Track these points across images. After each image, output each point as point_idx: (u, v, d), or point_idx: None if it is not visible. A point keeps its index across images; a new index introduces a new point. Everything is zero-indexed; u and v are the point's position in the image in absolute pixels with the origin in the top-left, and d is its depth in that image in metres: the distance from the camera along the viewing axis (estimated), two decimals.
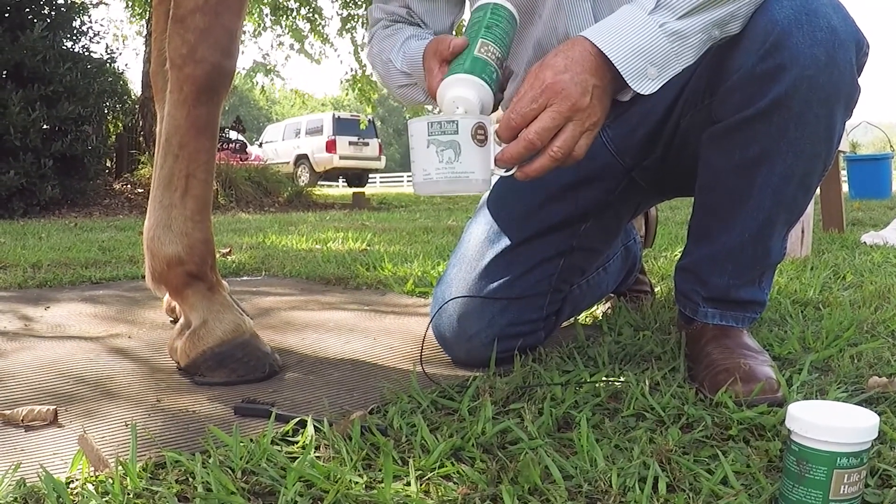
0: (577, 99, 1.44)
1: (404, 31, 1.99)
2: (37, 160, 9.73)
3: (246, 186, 12.72)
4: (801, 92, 1.56)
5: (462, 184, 1.49)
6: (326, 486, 1.20)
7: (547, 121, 1.44)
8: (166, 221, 1.98)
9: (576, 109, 1.44)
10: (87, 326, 2.55)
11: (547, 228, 1.99)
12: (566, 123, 1.46)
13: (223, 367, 1.89)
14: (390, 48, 1.98)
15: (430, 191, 1.52)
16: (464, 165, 1.47)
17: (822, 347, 2.01)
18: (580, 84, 1.45)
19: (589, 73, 1.46)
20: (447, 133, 1.46)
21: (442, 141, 1.46)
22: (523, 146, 1.45)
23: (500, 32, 1.61)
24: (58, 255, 4.54)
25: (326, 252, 4.83)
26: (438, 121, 1.46)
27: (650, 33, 1.47)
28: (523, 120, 1.46)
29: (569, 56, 1.47)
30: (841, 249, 4.23)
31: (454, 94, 1.55)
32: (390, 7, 2.05)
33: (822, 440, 1.07)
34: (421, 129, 1.48)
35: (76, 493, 1.23)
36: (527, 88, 1.47)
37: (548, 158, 1.47)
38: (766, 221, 1.73)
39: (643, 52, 1.46)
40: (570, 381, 1.73)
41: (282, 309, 2.87)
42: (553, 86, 1.44)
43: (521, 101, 1.46)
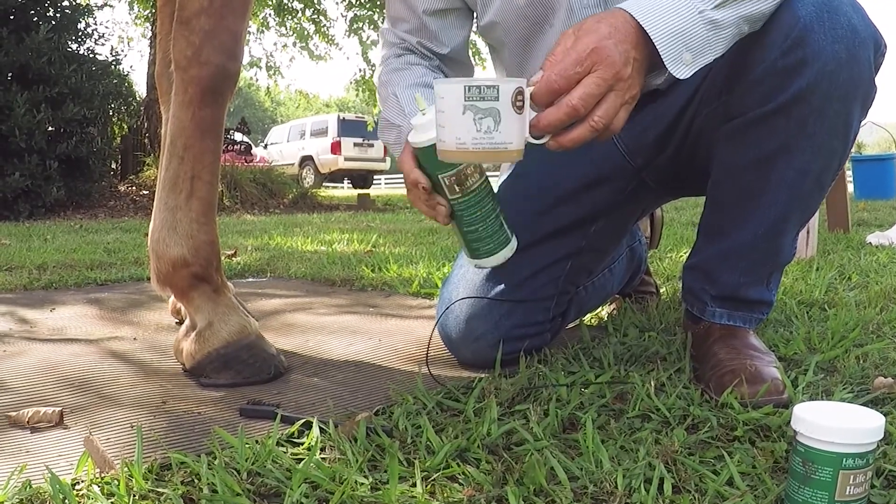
0: (621, 68, 1.36)
1: (415, 71, 1.98)
2: (42, 162, 9.75)
3: (251, 188, 12.72)
4: (821, 87, 1.56)
5: (498, 155, 1.39)
6: (332, 488, 1.20)
7: (591, 86, 1.34)
8: (171, 223, 1.98)
9: (619, 78, 1.36)
10: (92, 328, 2.55)
11: (556, 230, 1.99)
12: (608, 92, 1.36)
13: (228, 369, 1.89)
14: (398, 82, 1.97)
15: (459, 158, 1.46)
16: (503, 135, 1.35)
17: (828, 348, 2.00)
18: (623, 53, 1.37)
19: (630, 44, 1.38)
20: (487, 99, 1.33)
21: (481, 108, 1.33)
22: (565, 112, 1.35)
23: None
24: (63, 257, 4.55)
25: (331, 253, 4.83)
26: (477, 85, 1.33)
27: (690, 18, 1.41)
28: (567, 83, 1.35)
29: (612, 24, 1.39)
30: (846, 250, 4.22)
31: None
32: (401, 31, 2.02)
33: (827, 441, 1.07)
34: (455, 92, 1.34)
35: (82, 494, 1.23)
36: (568, 50, 1.37)
37: (587, 128, 1.37)
38: (780, 217, 1.73)
39: (681, 35, 1.41)
40: (575, 382, 1.73)
41: (286, 310, 2.87)
42: (599, 50, 1.35)
43: (563, 62, 1.36)
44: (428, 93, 1.83)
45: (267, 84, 20.26)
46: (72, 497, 1.18)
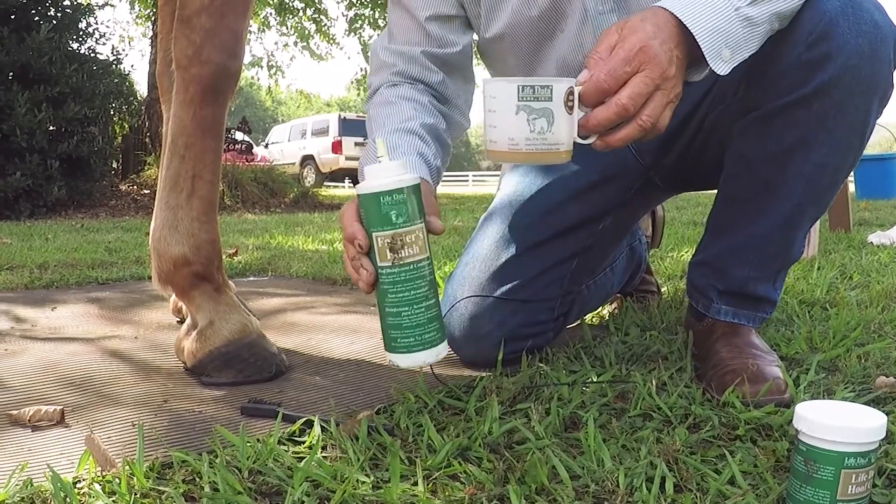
0: (666, 67, 1.36)
1: (403, 110, 1.84)
2: (43, 161, 9.73)
3: (252, 187, 12.71)
4: (844, 81, 1.57)
5: (549, 156, 1.39)
6: (333, 486, 1.19)
7: (640, 86, 1.35)
8: (172, 222, 1.98)
9: (665, 77, 1.37)
10: (93, 327, 2.55)
11: (564, 229, 1.99)
12: (655, 91, 1.37)
13: (230, 368, 1.89)
14: (382, 122, 1.83)
15: (511, 159, 1.44)
16: (555, 136, 1.35)
17: (830, 347, 2.00)
18: (668, 52, 1.37)
19: (674, 43, 1.39)
20: (541, 99, 1.32)
21: (535, 108, 1.32)
22: (615, 112, 1.35)
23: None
24: (64, 256, 4.55)
25: (333, 252, 4.83)
26: (531, 84, 1.32)
27: (727, 15, 1.42)
28: (616, 83, 1.35)
29: (655, 23, 1.39)
30: (848, 249, 4.22)
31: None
32: (400, 45, 1.91)
33: (829, 440, 1.07)
34: (508, 91, 1.33)
35: (83, 492, 1.23)
36: (614, 48, 1.38)
37: (635, 127, 1.38)
38: (795, 211, 1.73)
39: (721, 32, 1.41)
40: (576, 381, 1.73)
41: (288, 310, 2.87)
42: (646, 49, 1.35)
43: (611, 61, 1.36)
44: (402, 139, 1.76)
45: (268, 83, 20.32)
46: (73, 495, 1.18)
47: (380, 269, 1.41)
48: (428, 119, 1.83)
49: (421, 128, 1.79)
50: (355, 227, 1.43)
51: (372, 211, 1.38)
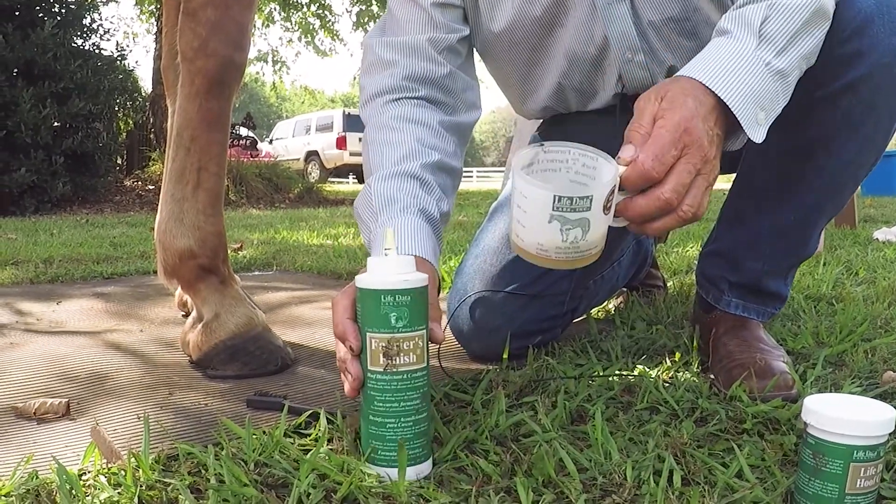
0: (708, 150, 1.28)
1: (405, 135, 1.70)
2: (48, 157, 9.74)
3: (257, 183, 12.71)
4: (874, 79, 1.54)
5: (579, 262, 1.29)
6: (340, 478, 1.19)
7: (683, 175, 1.26)
8: (178, 215, 1.98)
9: (706, 161, 1.28)
10: (98, 321, 2.55)
11: None
12: (696, 177, 1.27)
13: (235, 361, 1.89)
14: (380, 158, 1.69)
15: (537, 262, 1.29)
16: (588, 243, 1.25)
17: (836, 342, 2.00)
18: (708, 132, 1.29)
19: (713, 119, 1.31)
20: (578, 210, 1.19)
21: (570, 219, 1.20)
22: (657, 207, 1.26)
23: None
24: (69, 251, 4.55)
25: (337, 247, 4.83)
26: (570, 196, 1.17)
27: (760, 74, 1.35)
28: (663, 169, 1.25)
29: (696, 98, 1.30)
30: (853, 245, 4.22)
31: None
32: (401, 37, 1.80)
33: (838, 433, 1.06)
34: (542, 199, 1.19)
35: (89, 484, 1.23)
36: (658, 125, 1.28)
37: (675, 219, 1.28)
38: (814, 206, 1.72)
39: (755, 95, 1.34)
40: (583, 374, 1.72)
41: (293, 303, 2.87)
42: (690, 131, 1.26)
43: (656, 143, 1.25)
44: (402, 189, 1.61)
45: (272, 79, 20.30)
46: (79, 487, 1.17)
47: (369, 372, 1.25)
48: (431, 152, 1.70)
49: (422, 169, 1.66)
50: (347, 325, 1.28)
51: (370, 309, 1.23)
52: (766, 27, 1.38)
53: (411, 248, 1.49)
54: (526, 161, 1.30)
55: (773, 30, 1.38)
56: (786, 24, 1.38)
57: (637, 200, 1.27)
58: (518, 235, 1.27)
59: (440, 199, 1.67)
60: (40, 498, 1.17)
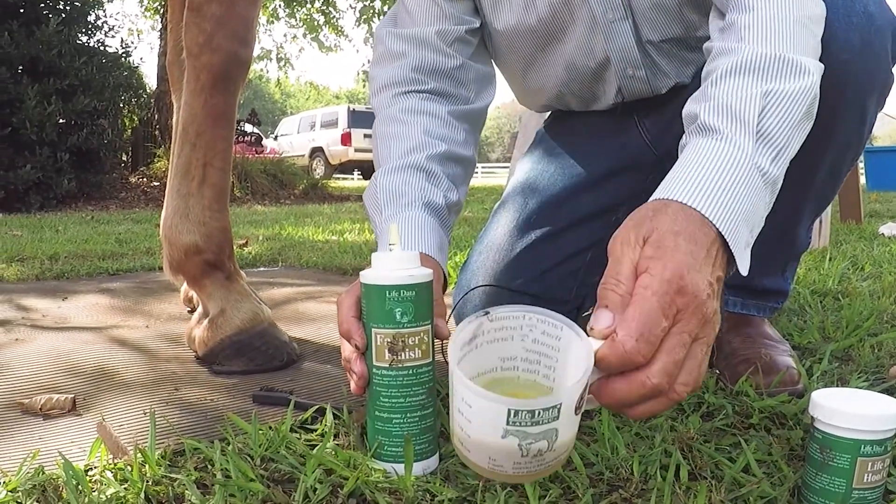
0: (707, 308, 1.00)
1: (413, 127, 1.69)
2: (53, 154, 9.75)
3: (262, 179, 12.72)
4: (832, 79, 1.39)
5: (546, 472, 0.98)
6: (346, 473, 1.19)
7: (676, 350, 0.97)
8: (184, 210, 1.98)
9: (704, 322, 0.99)
10: (103, 317, 2.55)
11: (579, 219, 1.94)
12: (692, 344, 0.99)
13: (241, 356, 1.89)
14: (388, 150, 1.71)
15: (488, 476, 0.99)
16: (556, 451, 0.94)
17: (842, 337, 2.00)
18: (706, 285, 1.01)
19: (712, 260, 1.05)
20: (542, 423, 0.89)
21: (532, 433, 0.90)
22: (642, 394, 0.97)
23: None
24: (75, 248, 4.55)
25: (343, 243, 4.84)
26: (530, 409, 0.88)
27: (755, 188, 1.13)
28: (650, 349, 0.95)
29: (691, 236, 1.04)
30: (859, 240, 4.21)
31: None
32: (411, 28, 1.77)
33: (846, 427, 1.06)
34: (493, 413, 0.90)
35: (95, 480, 1.22)
36: (641, 279, 1.00)
37: (667, 401, 0.99)
38: (793, 209, 1.68)
39: (748, 216, 1.12)
40: None
41: (298, 299, 2.88)
42: (685, 290, 0.98)
43: (642, 316, 0.95)
44: (408, 182, 1.61)
45: (277, 76, 20.31)
46: (85, 483, 1.17)
47: (375, 368, 1.24)
48: (439, 143, 1.68)
49: (428, 160, 1.65)
50: (352, 323, 1.27)
51: (375, 305, 1.22)
52: (765, 122, 1.17)
53: (415, 244, 1.47)
54: (466, 337, 1.05)
55: (771, 125, 1.17)
56: (785, 117, 1.18)
57: (616, 384, 0.98)
58: (463, 444, 0.98)
59: (448, 190, 1.66)
60: (46, 494, 1.17)
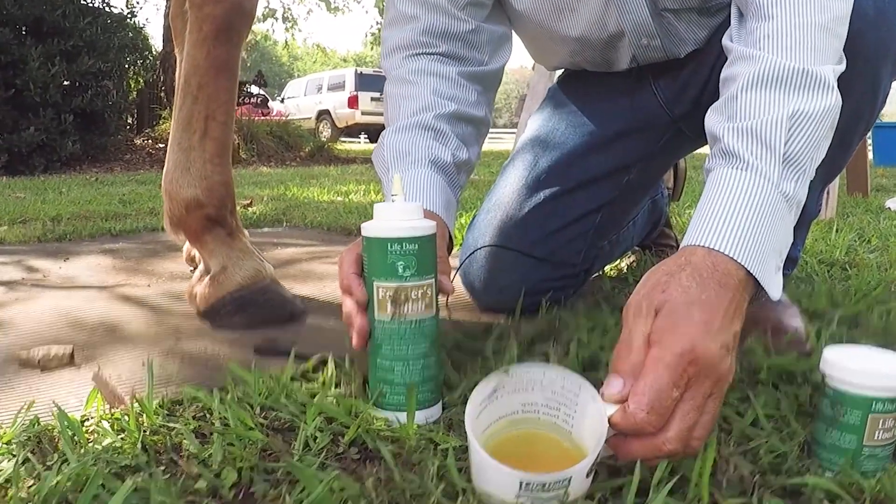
0: (720, 368, 0.99)
1: (421, 87, 1.67)
2: (57, 116, 9.70)
3: (268, 141, 12.69)
4: (845, 47, 1.35)
5: None
6: (347, 422, 1.18)
7: (689, 417, 0.98)
8: (185, 164, 1.95)
9: (717, 381, 1.00)
10: (105, 276, 2.54)
11: (589, 180, 1.92)
12: (707, 401, 1.00)
13: (243, 313, 1.87)
14: (397, 110, 1.69)
15: None
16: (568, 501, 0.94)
17: (851, 304, 1.98)
18: (723, 347, 1.00)
19: (730, 319, 1.03)
20: (553, 490, 0.91)
21: (542, 497, 0.92)
22: (657, 456, 0.99)
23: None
24: (78, 209, 4.53)
25: (348, 203, 4.83)
26: (542, 482, 0.90)
27: (780, 215, 1.13)
28: (661, 420, 0.97)
29: (705, 306, 1.01)
30: (865, 213, 4.19)
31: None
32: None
33: (857, 384, 1.04)
34: (505, 483, 0.92)
35: (91, 430, 1.21)
36: (654, 351, 1.00)
37: (683, 455, 1.00)
38: None
39: (775, 244, 1.12)
40: (595, 326, 1.70)
41: (303, 259, 2.86)
42: (698, 360, 0.97)
43: (653, 389, 0.96)
44: (415, 141, 1.60)
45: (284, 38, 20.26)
46: (81, 433, 1.16)
47: (377, 321, 1.22)
48: (448, 103, 1.66)
49: (436, 119, 1.63)
50: (352, 279, 1.27)
51: (376, 258, 1.20)
52: (791, 147, 1.15)
53: (421, 202, 1.43)
54: (486, 391, 1.05)
55: (797, 150, 1.15)
56: (811, 139, 1.16)
57: (633, 446, 1.00)
58: (481, 485, 0.98)
59: (458, 149, 1.64)
60: (42, 445, 1.16)
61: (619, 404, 0.98)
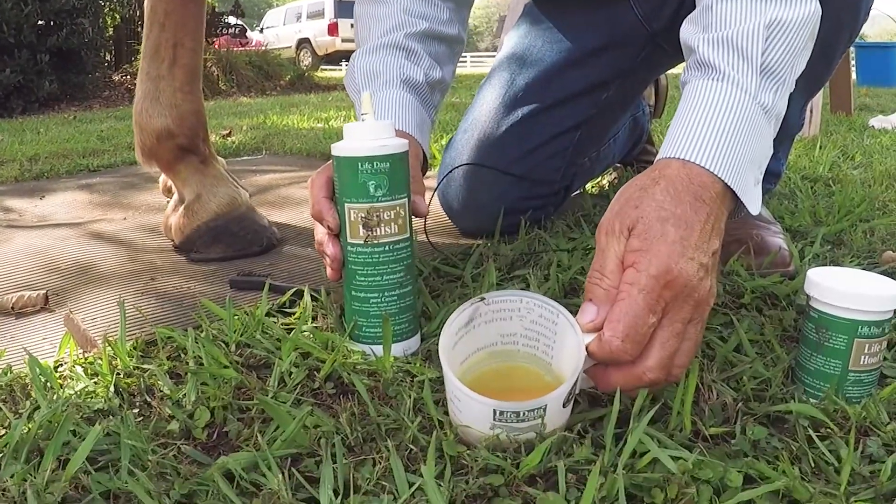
0: (699, 291, 0.95)
1: (392, 11, 1.62)
2: (33, 56, 9.56)
3: (247, 71, 12.57)
4: None
5: None
6: (323, 356, 1.16)
7: (670, 344, 0.94)
8: (154, 94, 1.91)
9: (697, 305, 0.96)
10: (81, 213, 2.50)
11: (567, 97, 1.88)
12: (686, 327, 0.96)
13: (219, 242, 1.85)
14: (366, 30, 1.64)
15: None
16: (548, 434, 0.92)
17: (834, 221, 1.97)
18: (699, 267, 0.95)
19: (707, 235, 0.98)
20: (529, 420, 0.90)
21: (518, 428, 0.90)
22: (638, 385, 0.96)
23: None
24: (55, 148, 4.47)
25: (328, 129, 4.81)
26: (515, 410, 0.89)
27: (758, 126, 1.08)
28: (638, 348, 0.93)
29: (679, 220, 0.96)
30: (849, 131, 4.17)
31: None
32: None
33: (843, 307, 1.02)
34: (479, 411, 0.91)
35: (64, 376, 1.19)
36: (628, 274, 0.95)
37: (665, 383, 0.98)
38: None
39: (754, 156, 1.08)
40: (576, 247, 1.69)
41: (282, 185, 2.85)
42: (674, 283, 0.93)
43: (628, 315, 0.92)
44: (385, 61, 1.56)
45: None
46: (53, 379, 1.14)
47: (350, 246, 1.20)
48: (419, 21, 1.62)
49: (407, 39, 1.59)
50: (324, 204, 1.23)
51: (347, 178, 1.17)
52: (769, 57, 1.10)
53: (393, 122, 1.40)
54: (463, 321, 1.02)
55: (775, 59, 1.11)
56: (789, 48, 1.12)
57: (613, 376, 0.97)
58: (456, 418, 0.96)
59: (430, 68, 1.61)
60: (14, 393, 1.14)
61: (595, 333, 0.95)
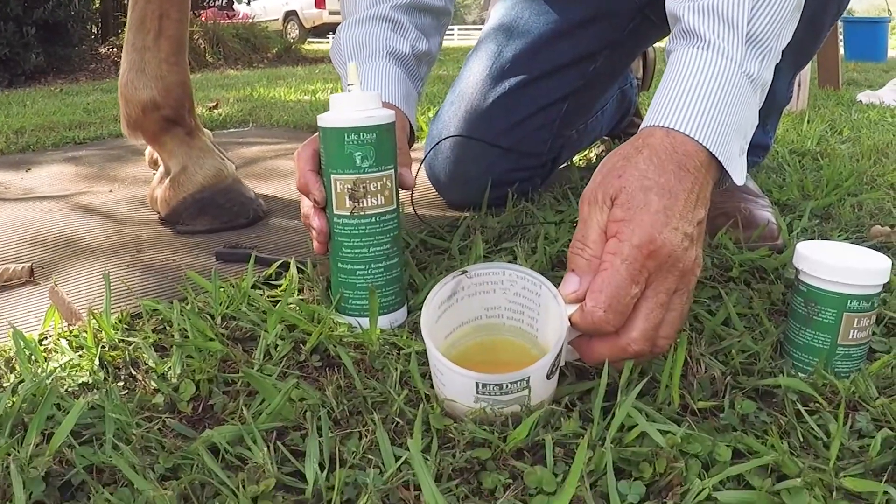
0: (684, 261, 0.94)
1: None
2: (18, 29, 9.49)
3: (234, 43, 12.51)
4: None
5: None
6: (309, 328, 1.15)
7: (654, 315, 0.93)
8: (139, 65, 1.89)
9: (682, 275, 0.94)
10: (67, 185, 2.48)
11: (554, 68, 1.87)
12: (672, 298, 0.95)
13: (205, 214, 1.84)
14: (353, 4, 1.62)
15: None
16: (533, 406, 0.92)
17: (823, 195, 1.97)
18: (684, 236, 0.94)
19: (693, 204, 0.96)
20: (512, 392, 0.89)
21: (502, 400, 0.90)
22: (623, 357, 0.95)
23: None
24: (42, 120, 4.43)
25: (315, 102, 4.80)
26: (498, 382, 0.89)
27: (744, 95, 1.06)
28: (621, 318, 0.92)
29: (663, 190, 0.94)
30: (837, 106, 4.17)
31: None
32: None
33: (832, 281, 1.01)
34: (461, 384, 0.91)
35: (49, 349, 1.18)
36: (610, 244, 0.94)
37: (651, 355, 0.97)
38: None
39: (739, 126, 1.05)
40: (563, 219, 1.69)
41: (268, 157, 2.84)
42: (658, 252, 0.91)
43: (610, 286, 0.90)
44: (370, 33, 1.55)
45: None
46: (38, 353, 1.13)
47: (336, 218, 1.19)
48: None
49: (393, 10, 1.58)
50: (310, 176, 1.22)
51: (333, 149, 1.16)
52: (755, 25, 1.07)
53: (380, 94, 1.39)
54: (445, 294, 1.02)
55: (761, 27, 1.08)
56: (776, 16, 1.08)
57: (598, 348, 0.96)
58: (440, 391, 0.96)
59: (417, 40, 1.60)
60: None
61: (578, 303, 0.93)
